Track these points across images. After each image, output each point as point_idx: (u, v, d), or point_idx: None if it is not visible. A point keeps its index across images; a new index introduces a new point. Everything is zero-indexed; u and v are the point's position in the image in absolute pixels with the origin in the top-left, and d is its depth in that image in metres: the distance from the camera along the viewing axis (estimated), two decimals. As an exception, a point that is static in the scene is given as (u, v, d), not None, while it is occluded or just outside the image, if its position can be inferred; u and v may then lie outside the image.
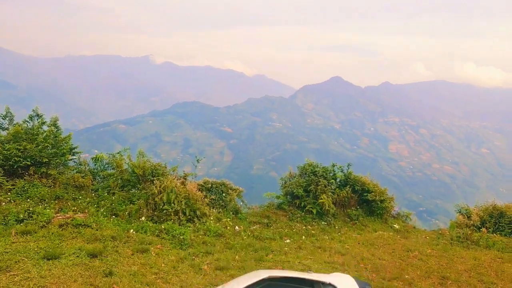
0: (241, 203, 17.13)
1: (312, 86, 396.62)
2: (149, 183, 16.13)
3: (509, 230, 15.69)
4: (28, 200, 12.68)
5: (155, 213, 11.90)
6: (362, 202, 18.09)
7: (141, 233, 9.69)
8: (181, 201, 11.97)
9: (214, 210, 14.26)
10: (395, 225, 17.01)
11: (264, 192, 18.89)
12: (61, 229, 8.83)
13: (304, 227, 14.40)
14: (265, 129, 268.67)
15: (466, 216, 16.54)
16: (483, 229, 13.51)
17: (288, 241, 11.41)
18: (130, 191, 15.91)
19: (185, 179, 16.65)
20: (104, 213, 12.37)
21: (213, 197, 16.47)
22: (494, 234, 14.41)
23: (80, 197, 14.06)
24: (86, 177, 15.97)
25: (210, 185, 16.91)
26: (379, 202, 17.58)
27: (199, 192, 13.00)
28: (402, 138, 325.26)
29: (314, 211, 16.38)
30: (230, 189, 16.99)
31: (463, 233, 13.10)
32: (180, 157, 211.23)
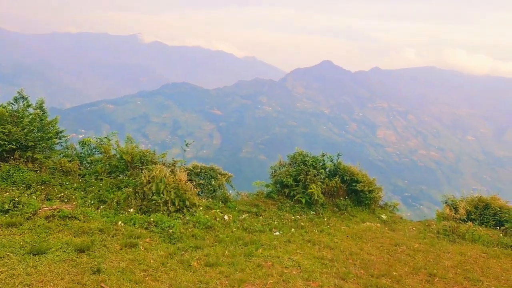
0: (231, 189, 17.14)
1: (302, 70, 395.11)
2: (137, 169, 15.94)
3: (493, 222, 16.00)
4: (14, 185, 12.43)
5: (144, 203, 11.77)
6: (350, 192, 18.19)
7: (130, 226, 9.54)
8: (170, 191, 11.85)
9: (203, 200, 14.19)
10: (382, 216, 17.18)
11: (253, 176, 18.99)
12: (47, 221, 8.63)
13: (293, 217, 14.46)
14: (255, 112, 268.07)
15: (452, 208, 16.77)
16: (469, 223, 13.72)
17: (277, 233, 11.42)
18: (118, 177, 15.71)
19: (174, 166, 16.50)
20: (92, 201, 12.20)
21: (201, 182, 16.39)
22: (479, 226, 14.66)
23: (67, 183, 13.86)
24: (73, 162, 15.70)
25: (199, 170, 16.82)
26: (367, 193, 17.69)
27: (189, 182, 12.88)
28: (390, 124, 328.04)
29: (303, 200, 16.44)
30: (219, 174, 16.94)
31: (449, 226, 13.29)
32: (169, 139, 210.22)
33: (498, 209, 16.55)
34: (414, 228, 14.68)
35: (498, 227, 14.34)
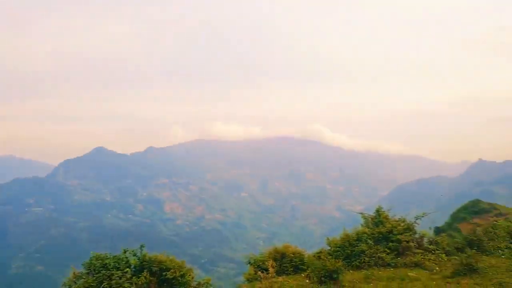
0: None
1: (74, 160, 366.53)
2: None
3: (292, 269, 17.78)
4: None
5: None
6: (162, 282, 17.02)
7: None
8: None
9: None
10: (200, 297, 16.67)
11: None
12: None
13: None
14: (20, 217, 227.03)
15: (258, 267, 17.74)
16: (280, 278, 14.78)
17: None
18: None
19: None
20: None
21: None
22: (285, 276, 15.94)
23: None
24: None
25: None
26: (179, 278, 16.94)
27: None
28: (174, 197, 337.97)
29: (112, 313, 14.29)
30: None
31: (265, 288, 13.93)
32: None
33: (292, 255, 18.57)
34: (233, 299, 14.72)
35: (301, 273, 15.97)
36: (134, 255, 17.18)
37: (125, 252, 16.90)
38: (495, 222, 21.33)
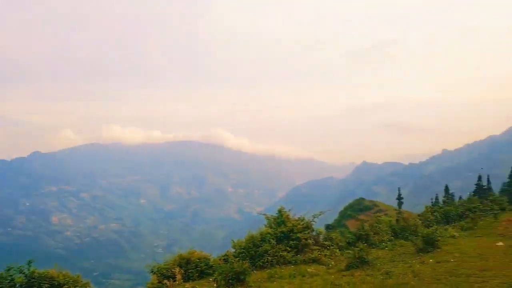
0: None
1: None
2: None
3: (197, 274, 17.69)
4: None
5: None
6: (55, 300, 15.55)
7: None
8: None
9: None
10: (99, 312, 15.63)
11: None
12: None
13: None
14: None
15: (162, 275, 17.25)
16: (187, 285, 14.55)
17: None
18: None
19: None
20: None
21: None
22: (191, 282, 15.77)
23: None
24: None
25: None
26: (75, 293, 15.67)
27: None
28: (63, 207, 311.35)
29: None
30: None
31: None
32: None
33: (198, 260, 18.46)
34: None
35: (208, 278, 15.93)
36: (21, 272, 15.41)
37: (9, 270, 15.06)
38: (378, 217, 23.91)
